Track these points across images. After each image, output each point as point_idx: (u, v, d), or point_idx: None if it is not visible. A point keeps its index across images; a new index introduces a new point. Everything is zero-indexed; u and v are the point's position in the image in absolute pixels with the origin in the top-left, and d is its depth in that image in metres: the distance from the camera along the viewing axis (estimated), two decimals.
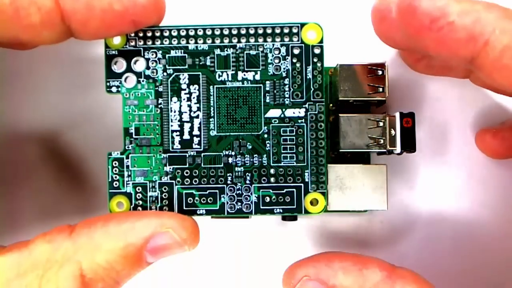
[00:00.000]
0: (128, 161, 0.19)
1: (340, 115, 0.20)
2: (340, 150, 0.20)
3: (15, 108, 0.23)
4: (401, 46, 0.19)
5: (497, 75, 0.16)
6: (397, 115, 0.20)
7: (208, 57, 0.19)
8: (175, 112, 0.19)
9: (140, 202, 0.19)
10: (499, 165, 0.23)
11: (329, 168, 0.20)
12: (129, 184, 0.19)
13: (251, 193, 0.18)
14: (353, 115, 0.20)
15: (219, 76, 0.19)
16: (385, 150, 0.20)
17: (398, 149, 0.20)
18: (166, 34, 0.18)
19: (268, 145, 0.19)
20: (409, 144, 0.19)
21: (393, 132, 0.20)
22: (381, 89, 0.20)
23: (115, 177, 0.19)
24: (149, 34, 0.18)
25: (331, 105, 0.22)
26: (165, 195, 0.19)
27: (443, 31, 0.16)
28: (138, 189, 0.19)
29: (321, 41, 0.19)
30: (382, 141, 0.20)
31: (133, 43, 0.18)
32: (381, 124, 0.20)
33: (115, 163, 0.19)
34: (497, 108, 0.19)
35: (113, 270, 0.17)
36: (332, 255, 0.19)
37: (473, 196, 0.23)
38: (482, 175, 0.23)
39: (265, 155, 0.19)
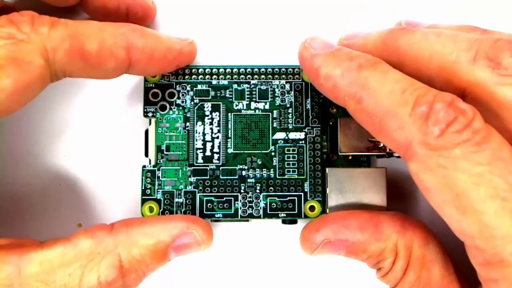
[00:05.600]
0: (159, 173, 0.22)
1: (340, 118, 0.21)
2: (340, 153, 0.21)
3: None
4: None
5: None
6: None
7: (228, 90, 0.22)
8: (199, 133, 0.22)
9: (168, 207, 0.22)
10: None
11: (329, 171, 0.21)
12: (159, 191, 0.22)
13: (260, 200, 0.22)
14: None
15: (236, 105, 0.22)
16: (384, 153, 0.20)
17: None
18: (195, 71, 0.22)
19: (274, 161, 0.22)
20: None
21: None
22: None
23: (148, 185, 0.22)
24: (181, 71, 0.22)
25: (331, 108, 0.22)
26: (189, 201, 0.22)
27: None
28: (167, 196, 0.22)
29: None
30: (381, 144, 0.20)
31: (167, 78, 0.22)
32: None
33: (148, 174, 0.22)
34: None
35: (144, 263, 0.19)
36: (346, 214, 0.20)
37: None
38: None
39: (272, 169, 0.22)
